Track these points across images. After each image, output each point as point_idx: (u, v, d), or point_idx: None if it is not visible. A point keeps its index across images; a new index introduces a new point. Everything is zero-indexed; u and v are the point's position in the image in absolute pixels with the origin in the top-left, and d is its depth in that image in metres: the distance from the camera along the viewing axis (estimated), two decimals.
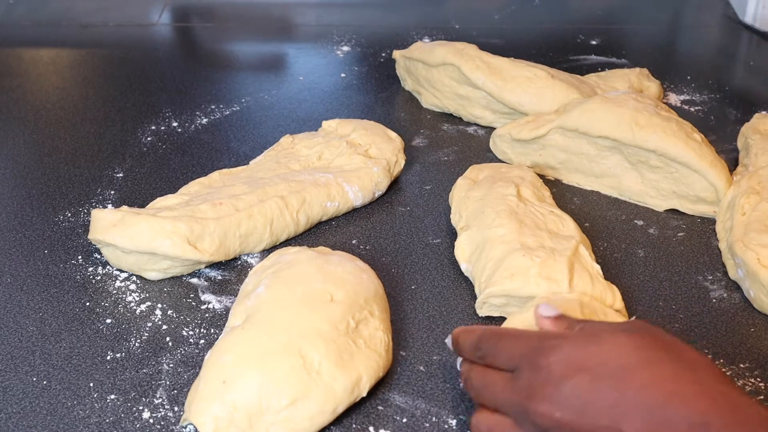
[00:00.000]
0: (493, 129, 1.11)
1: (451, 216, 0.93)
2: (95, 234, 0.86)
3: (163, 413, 0.72)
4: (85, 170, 1.06)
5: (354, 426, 0.71)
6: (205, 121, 1.17)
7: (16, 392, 0.74)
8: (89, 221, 0.91)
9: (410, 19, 1.52)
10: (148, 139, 1.13)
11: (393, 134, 1.05)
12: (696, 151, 0.94)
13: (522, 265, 0.79)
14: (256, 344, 0.70)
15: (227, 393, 0.67)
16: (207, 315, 0.83)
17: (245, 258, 0.90)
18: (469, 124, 1.16)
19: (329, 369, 0.69)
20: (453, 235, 0.92)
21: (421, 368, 0.76)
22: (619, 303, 0.79)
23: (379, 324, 0.75)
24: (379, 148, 1.02)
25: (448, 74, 1.15)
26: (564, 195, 1.01)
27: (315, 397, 0.68)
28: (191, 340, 0.79)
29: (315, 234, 0.94)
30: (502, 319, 0.82)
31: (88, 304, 0.84)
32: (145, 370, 0.76)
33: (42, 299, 0.84)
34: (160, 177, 1.04)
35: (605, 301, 0.78)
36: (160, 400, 0.73)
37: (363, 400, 0.72)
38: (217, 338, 0.77)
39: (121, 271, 0.88)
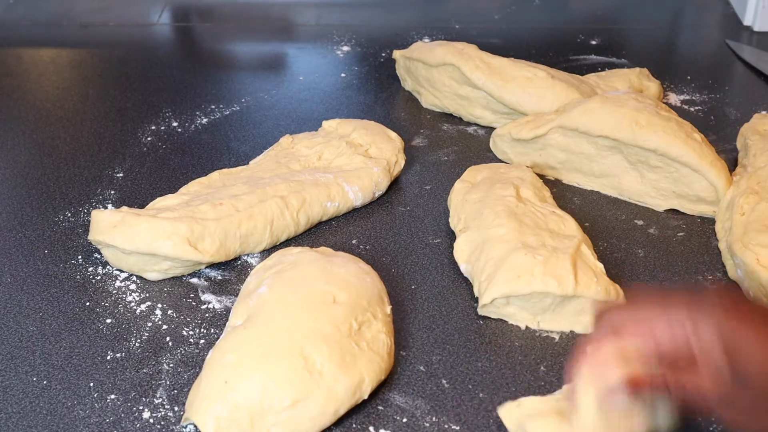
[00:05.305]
0: (493, 129, 1.11)
1: (450, 219, 0.93)
2: (95, 235, 0.86)
3: (163, 413, 0.72)
4: (85, 170, 1.06)
5: (354, 426, 0.71)
6: (205, 121, 1.17)
7: (16, 392, 0.74)
8: (89, 221, 0.91)
9: (410, 19, 1.51)
10: (148, 139, 1.13)
11: (393, 134, 1.05)
12: (696, 151, 0.94)
13: (525, 264, 0.79)
14: (258, 345, 0.70)
15: (229, 393, 0.67)
16: (207, 315, 0.83)
17: (245, 258, 0.90)
18: (469, 124, 1.16)
19: (331, 370, 0.69)
20: (453, 235, 0.91)
21: (421, 368, 0.76)
22: (622, 301, 0.79)
23: (382, 327, 0.75)
24: (379, 148, 1.02)
25: (448, 74, 1.15)
26: (564, 195, 1.01)
27: (317, 399, 0.68)
28: (191, 340, 0.79)
29: (315, 234, 0.94)
30: (501, 320, 0.82)
31: (88, 304, 0.84)
32: (145, 370, 0.76)
33: (42, 299, 0.84)
34: (160, 177, 1.04)
35: (609, 297, 0.79)
36: (161, 400, 0.73)
37: (363, 400, 0.72)
38: (218, 338, 0.77)
39: (121, 271, 0.88)
